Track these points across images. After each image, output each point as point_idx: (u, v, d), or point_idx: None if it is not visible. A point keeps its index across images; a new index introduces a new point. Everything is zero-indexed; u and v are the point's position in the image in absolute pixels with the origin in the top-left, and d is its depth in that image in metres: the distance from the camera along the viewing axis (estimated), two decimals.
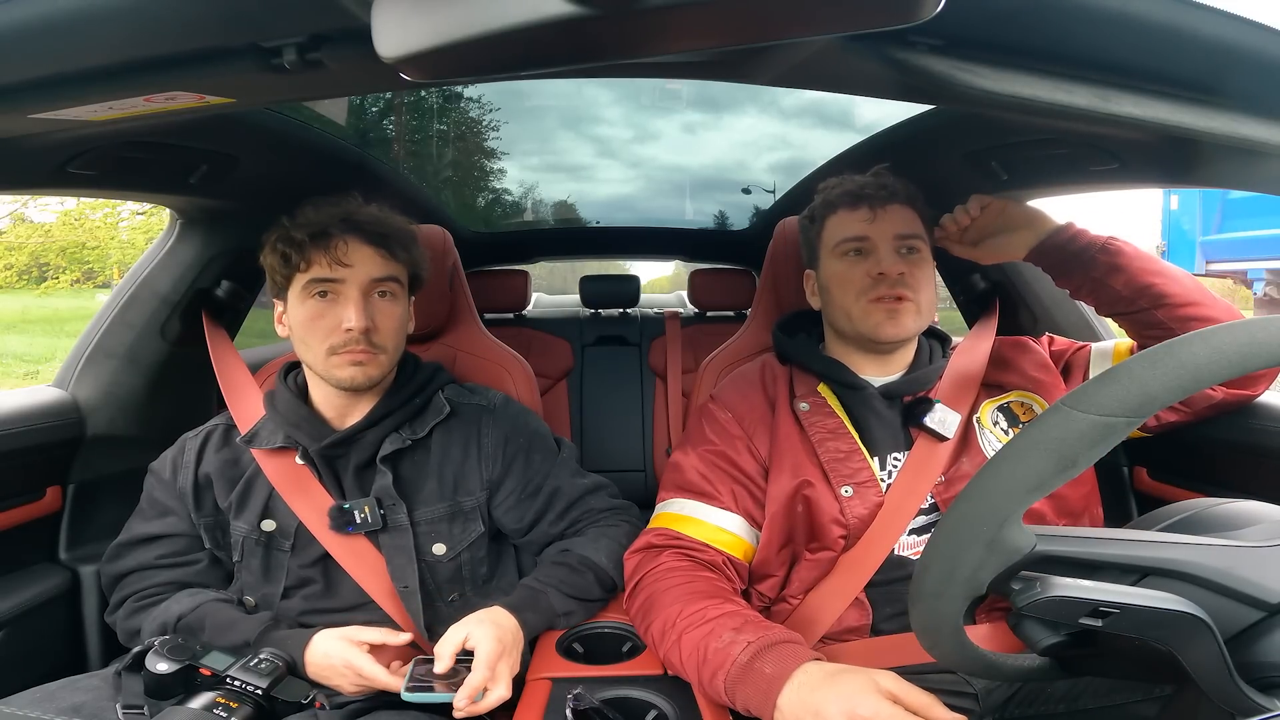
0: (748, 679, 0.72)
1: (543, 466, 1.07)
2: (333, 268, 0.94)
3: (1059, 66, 0.60)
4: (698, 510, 0.96)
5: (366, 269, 0.96)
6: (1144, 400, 0.45)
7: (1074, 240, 0.98)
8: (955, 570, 0.51)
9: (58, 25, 0.52)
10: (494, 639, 0.83)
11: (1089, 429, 0.45)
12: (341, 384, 0.97)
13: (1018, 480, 0.48)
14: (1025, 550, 0.51)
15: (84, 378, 1.27)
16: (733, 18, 0.39)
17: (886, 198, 0.99)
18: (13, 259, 11.17)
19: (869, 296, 0.97)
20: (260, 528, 1.00)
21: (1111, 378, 0.46)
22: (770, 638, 0.75)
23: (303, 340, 0.97)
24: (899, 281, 0.95)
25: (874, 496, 0.94)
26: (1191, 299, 0.93)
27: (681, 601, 0.84)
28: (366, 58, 0.47)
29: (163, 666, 0.83)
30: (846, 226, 1.00)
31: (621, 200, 2.75)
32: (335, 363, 0.96)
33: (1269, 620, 0.52)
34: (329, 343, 0.95)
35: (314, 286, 0.95)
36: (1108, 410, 0.45)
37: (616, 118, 2.21)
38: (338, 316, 0.94)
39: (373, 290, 0.97)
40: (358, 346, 0.95)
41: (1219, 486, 1.09)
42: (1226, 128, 0.64)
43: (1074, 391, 0.47)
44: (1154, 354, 0.46)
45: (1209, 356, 0.45)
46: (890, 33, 0.56)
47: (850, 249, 1.00)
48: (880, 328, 0.96)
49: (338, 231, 0.95)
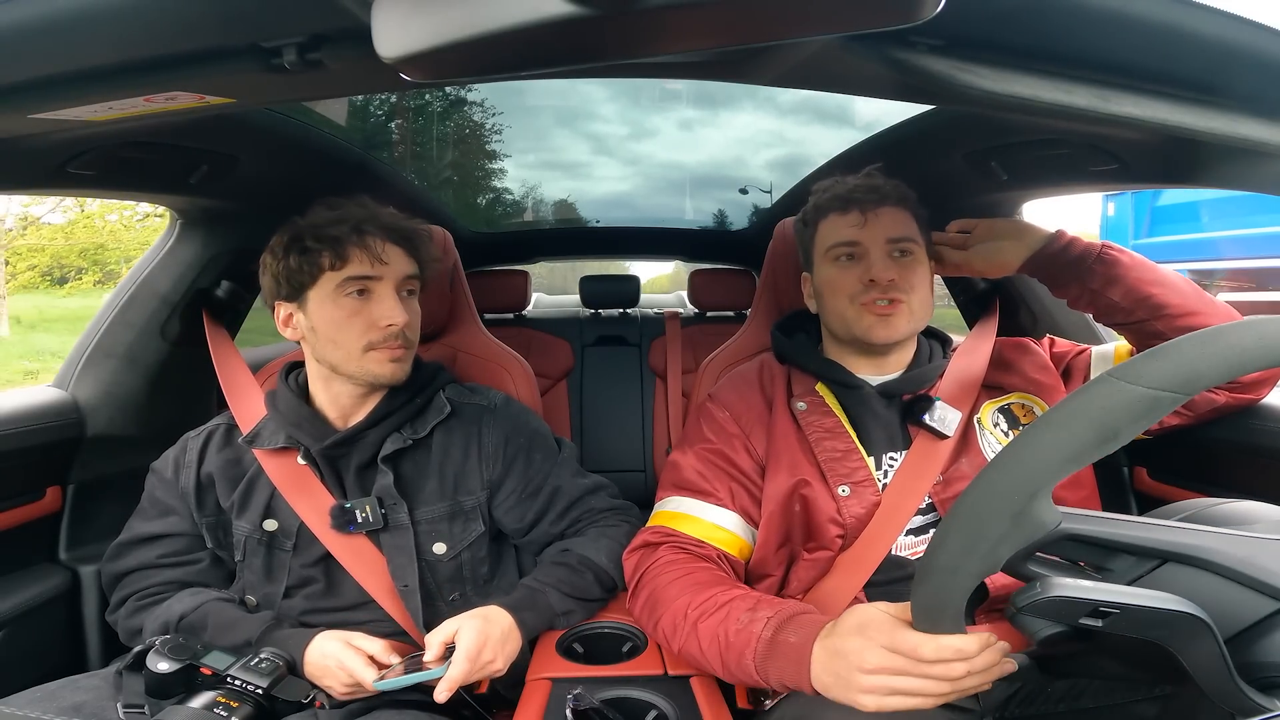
0: (776, 652, 0.72)
1: (543, 466, 1.07)
2: (373, 265, 0.96)
3: (1059, 66, 0.60)
4: (695, 508, 0.96)
5: (400, 267, 0.99)
6: (1191, 377, 0.45)
7: (1067, 250, 0.98)
8: (977, 542, 0.50)
9: (58, 25, 0.52)
10: (479, 632, 0.84)
11: (1136, 401, 0.45)
12: (379, 380, 0.98)
13: (1058, 449, 0.47)
14: (1050, 527, 0.50)
15: (84, 378, 1.27)
16: (733, 18, 0.39)
17: (877, 201, 0.98)
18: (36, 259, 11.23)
19: (861, 300, 0.97)
20: (262, 527, 1.00)
21: (1161, 354, 0.46)
22: (787, 610, 0.75)
23: (332, 339, 0.97)
24: (891, 287, 0.95)
25: (871, 496, 0.94)
26: (1191, 308, 0.93)
27: (689, 592, 0.84)
28: (367, 58, 0.47)
29: (164, 666, 0.83)
30: (838, 231, 1.00)
31: (620, 198, 2.74)
32: (374, 359, 0.96)
33: (1269, 620, 0.52)
34: (367, 339, 0.96)
35: (351, 285, 0.96)
36: (1156, 384, 0.45)
37: (612, 114, 2.21)
38: (375, 313, 0.96)
39: (403, 288, 1.00)
40: (396, 342, 0.97)
41: (1219, 487, 1.09)
42: (1227, 128, 0.64)
43: (1120, 365, 0.47)
44: (1203, 335, 0.47)
45: (1256, 343, 0.45)
46: (890, 33, 0.56)
47: (842, 254, 0.99)
48: (873, 331, 0.96)
49: (371, 230, 0.96)
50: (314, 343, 0.99)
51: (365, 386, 1.01)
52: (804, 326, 1.12)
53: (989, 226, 1.04)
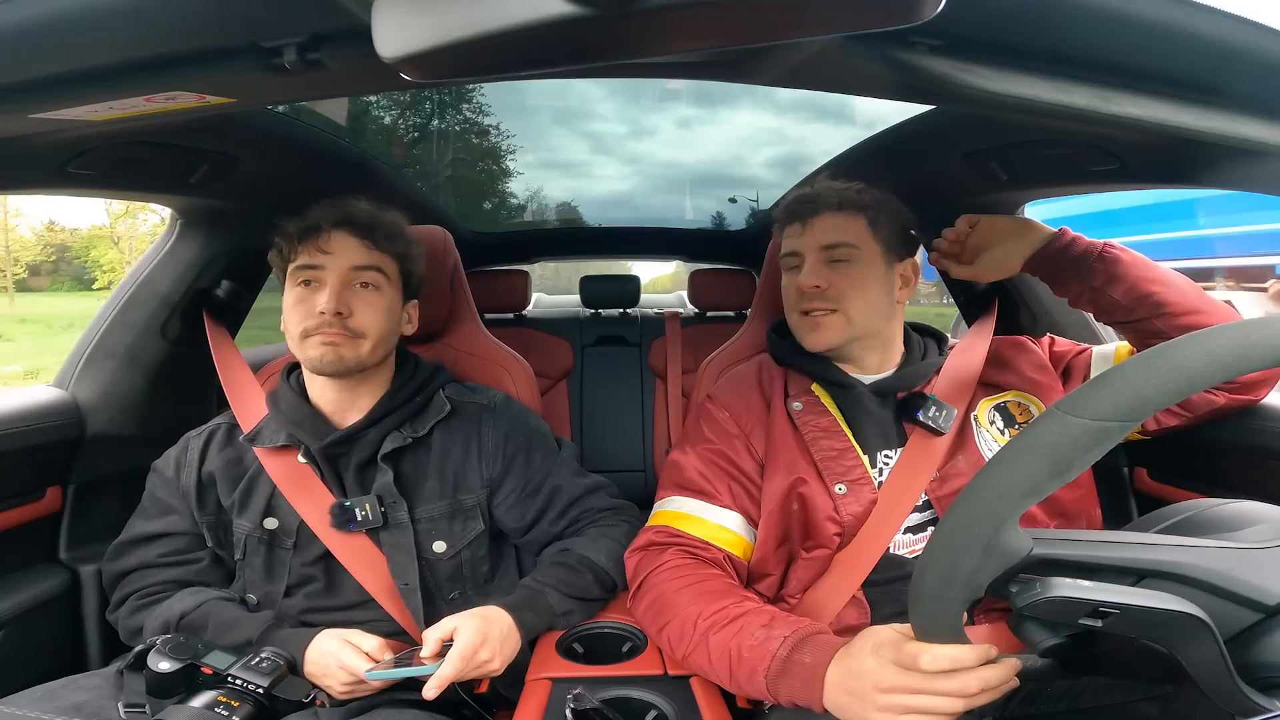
0: (790, 672, 0.72)
1: (543, 465, 1.08)
2: (314, 255, 0.98)
3: (1059, 67, 0.60)
4: (697, 508, 0.96)
5: (348, 257, 0.99)
6: (1138, 404, 0.44)
7: (1070, 247, 0.98)
8: (953, 574, 0.51)
9: (58, 25, 0.52)
10: (477, 631, 0.84)
11: (1083, 434, 0.45)
12: (312, 363, 0.99)
13: (1013, 485, 0.48)
14: (1022, 554, 0.51)
15: (84, 377, 1.27)
16: (734, 18, 0.39)
17: (813, 210, 1.01)
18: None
19: (798, 310, 1.01)
20: (263, 526, 1.00)
21: (1105, 382, 0.45)
22: (803, 630, 0.75)
23: (286, 328, 1.01)
24: (815, 295, 0.98)
25: (868, 494, 0.94)
26: (1192, 307, 0.93)
27: (700, 601, 0.84)
28: (367, 58, 0.47)
29: (164, 665, 0.83)
30: (785, 241, 1.05)
31: (619, 197, 2.75)
32: (308, 344, 0.98)
33: (1268, 621, 0.52)
34: (304, 325, 0.98)
35: (299, 274, 0.99)
36: (1102, 415, 0.45)
37: (610, 113, 2.21)
38: (315, 302, 0.97)
39: (354, 279, 1.00)
40: (330, 329, 0.97)
41: (1219, 487, 1.09)
42: (1227, 128, 0.64)
43: (1067, 396, 0.47)
44: (1147, 357, 0.45)
45: (1203, 359, 0.44)
46: (891, 33, 0.56)
47: (790, 264, 1.05)
48: (805, 339, 1.01)
49: (326, 224, 0.99)
50: (285, 331, 1.02)
51: (323, 376, 1.01)
52: None
53: (992, 224, 1.05)
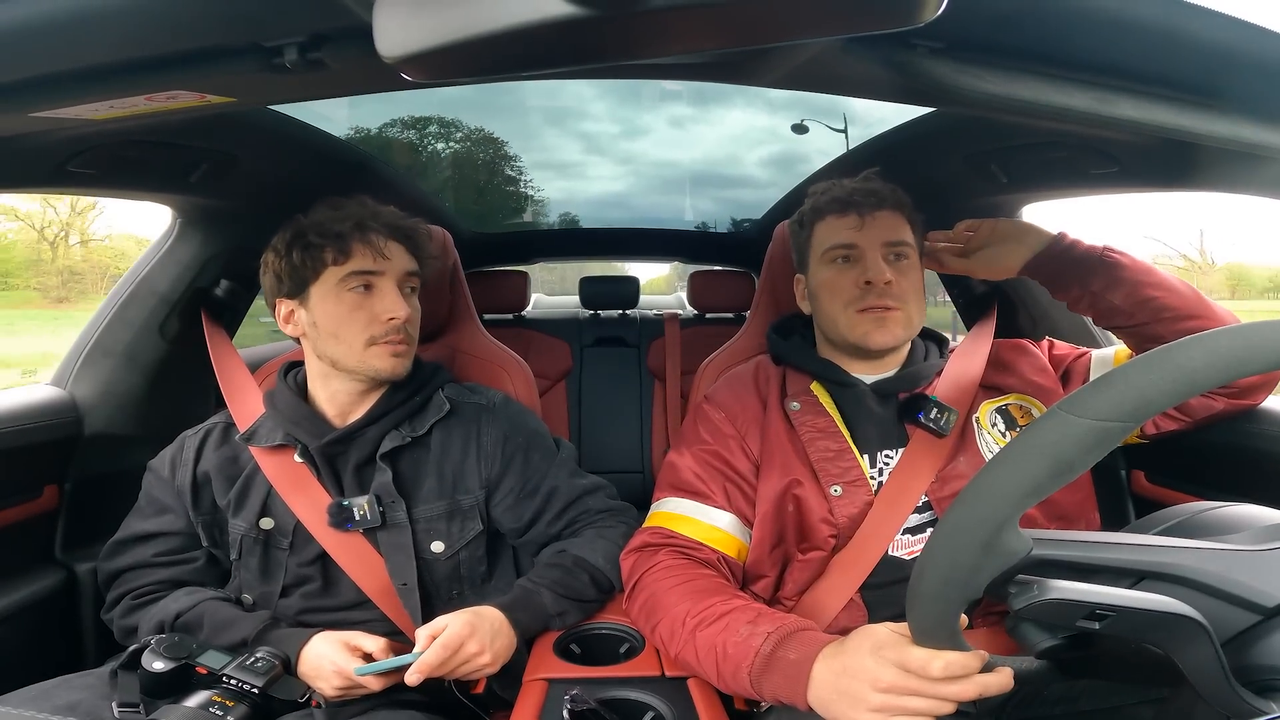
0: (773, 668, 0.72)
1: (541, 466, 1.07)
2: (375, 260, 0.97)
3: (1059, 69, 0.60)
4: (692, 509, 0.96)
5: (401, 263, 1.00)
6: (1140, 405, 0.44)
7: (1069, 251, 0.98)
8: (952, 574, 0.51)
9: (59, 24, 0.52)
10: (466, 624, 0.84)
11: (1085, 434, 0.45)
12: (380, 374, 0.99)
13: (1014, 485, 0.47)
14: (1021, 554, 0.51)
15: (82, 376, 1.27)
16: (735, 19, 0.39)
17: (875, 204, 0.99)
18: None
19: (857, 306, 0.97)
20: (259, 526, 1.00)
21: (1107, 382, 0.45)
22: (788, 626, 0.75)
23: (334, 334, 0.98)
24: (886, 291, 0.96)
25: (864, 496, 0.94)
26: (1192, 312, 0.93)
27: (689, 599, 0.84)
28: (368, 57, 0.47)
29: (159, 665, 0.82)
30: (835, 233, 1.00)
31: (614, 198, 2.75)
32: (375, 353, 0.97)
33: (1265, 624, 0.52)
34: (369, 333, 0.97)
35: (354, 279, 0.97)
36: (1104, 415, 0.45)
37: (602, 112, 2.21)
38: (377, 308, 0.97)
39: (405, 285, 1.01)
40: (398, 336, 0.98)
41: (1217, 490, 1.09)
42: (1226, 131, 0.64)
43: (1070, 396, 0.47)
44: (1150, 358, 0.45)
45: (1205, 360, 0.44)
46: (891, 35, 0.56)
47: (839, 255, 1.00)
48: (869, 336, 0.96)
49: (374, 226, 0.98)
50: (315, 339, 0.99)
51: (365, 383, 1.01)
52: (799, 328, 1.13)
53: (992, 227, 1.05)
